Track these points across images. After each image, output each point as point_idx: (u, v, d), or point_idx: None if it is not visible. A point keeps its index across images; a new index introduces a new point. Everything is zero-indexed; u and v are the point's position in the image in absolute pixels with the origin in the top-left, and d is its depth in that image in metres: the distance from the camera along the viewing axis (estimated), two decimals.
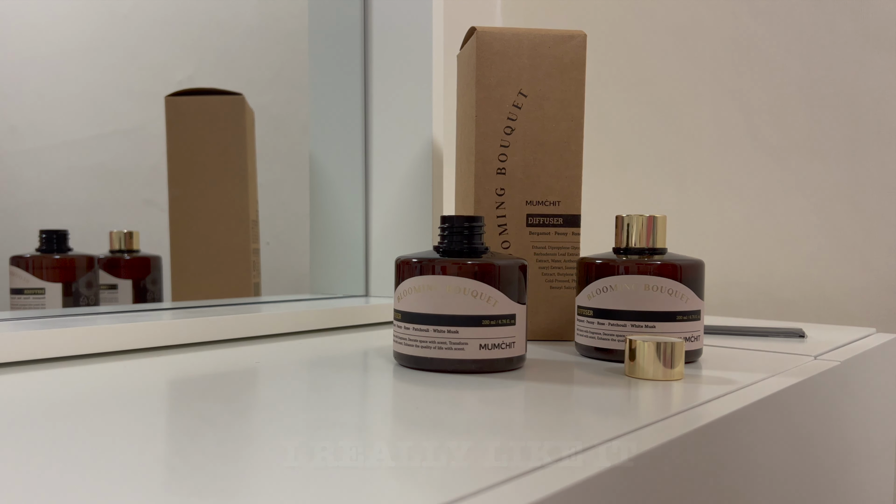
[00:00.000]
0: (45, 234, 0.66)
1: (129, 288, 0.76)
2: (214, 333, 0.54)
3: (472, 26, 0.58)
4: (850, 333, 0.65)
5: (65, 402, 0.37)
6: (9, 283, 0.65)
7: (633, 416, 0.34)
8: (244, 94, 0.81)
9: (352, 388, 0.40)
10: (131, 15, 0.89)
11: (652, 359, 0.42)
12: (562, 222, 0.57)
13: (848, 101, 0.81)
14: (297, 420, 0.34)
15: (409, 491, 0.24)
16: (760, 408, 0.38)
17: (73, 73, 0.72)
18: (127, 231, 0.78)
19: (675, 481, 0.31)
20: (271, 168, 0.89)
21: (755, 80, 0.86)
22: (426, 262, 0.44)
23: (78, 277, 0.67)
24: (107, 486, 0.24)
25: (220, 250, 0.80)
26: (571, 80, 0.57)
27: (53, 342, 0.46)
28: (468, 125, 0.58)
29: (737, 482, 0.37)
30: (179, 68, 0.90)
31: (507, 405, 0.37)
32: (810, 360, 0.50)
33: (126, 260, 0.77)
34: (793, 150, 0.84)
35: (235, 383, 0.42)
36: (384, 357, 0.49)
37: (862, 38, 0.79)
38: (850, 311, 0.80)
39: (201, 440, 0.29)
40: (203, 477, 0.25)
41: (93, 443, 0.29)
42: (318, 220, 0.78)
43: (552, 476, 0.25)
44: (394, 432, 0.32)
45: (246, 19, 0.95)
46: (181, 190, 0.79)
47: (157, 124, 0.80)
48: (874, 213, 0.79)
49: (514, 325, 0.44)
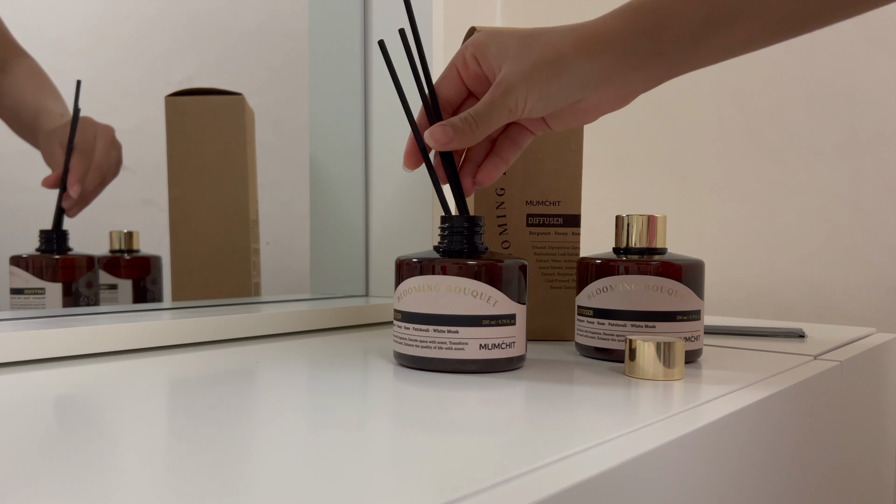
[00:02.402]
0: (45, 234, 0.66)
1: (129, 288, 0.76)
2: (214, 333, 0.54)
3: (472, 26, 0.58)
4: (850, 333, 0.65)
5: (65, 401, 0.37)
6: (9, 283, 0.65)
7: (633, 416, 0.34)
8: (244, 94, 0.81)
9: (352, 388, 0.40)
10: (131, 15, 0.89)
11: (652, 359, 0.42)
12: (562, 222, 0.57)
13: (848, 101, 0.81)
14: (297, 420, 0.34)
15: (409, 491, 0.24)
16: (760, 408, 0.38)
17: (73, 72, 0.72)
18: (127, 231, 0.78)
19: (675, 481, 0.31)
20: (271, 168, 0.89)
21: (755, 80, 0.86)
22: (426, 262, 0.44)
23: (78, 277, 0.67)
24: (107, 485, 0.24)
25: (220, 250, 0.80)
26: None
27: (53, 342, 0.46)
28: None
29: (737, 482, 0.37)
30: (179, 68, 0.90)
31: (508, 405, 0.37)
32: (810, 360, 0.50)
33: (126, 260, 0.77)
34: (793, 150, 0.84)
35: (235, 383, 0.42)
36: (384, 357, 0.49)
37: (862, 38, 0.79)
38: (850, 311, 0.80)
39: (201, 440, 0.29)
40: (203, 477, 0.25)
41: (93, 443, 0.29)
42: (318, 220, 0.78)
43: (552, 476, 0.25)
44: (394, 432, 0.32)
45: (246, 19, 0.95)
46: (181, 190, 0.79)
47: (157, 124, 0.80)
48: (874, 213, 0.79)
49: (514, 325, 0.44)
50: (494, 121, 0.44)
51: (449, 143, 0.44)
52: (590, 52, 0.42)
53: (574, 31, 0.43)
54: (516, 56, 0.43)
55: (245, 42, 0.94)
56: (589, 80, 0.42)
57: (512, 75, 0.43)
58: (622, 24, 0.42)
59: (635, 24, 0.41)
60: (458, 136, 0.43)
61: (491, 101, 0.43)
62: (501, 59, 0.44)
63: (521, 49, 0.43)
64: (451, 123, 0.44)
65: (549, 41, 0.43)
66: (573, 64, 0.42)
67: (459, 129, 0.43)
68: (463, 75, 0.46)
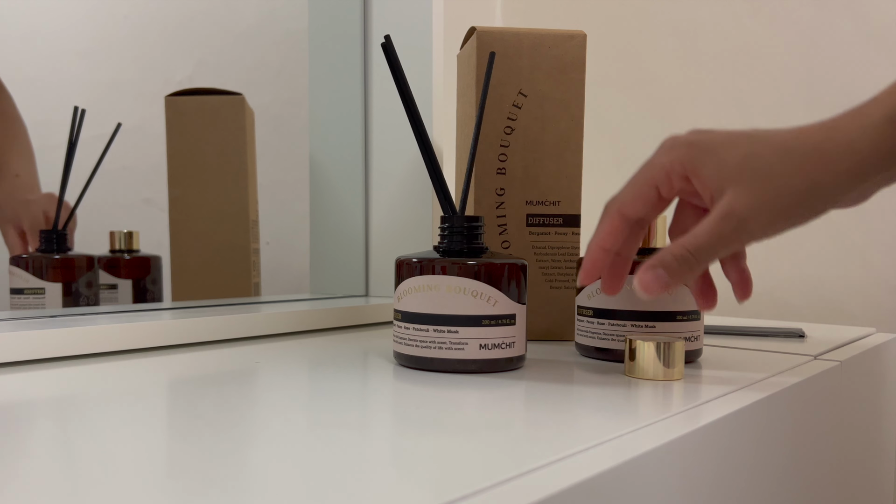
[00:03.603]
0: (45, 234, 0.66)
1: (129, 288, 0.76)
2: (214, 333, 0.54)
3: (472, 26, 0.58)
4: (850, 333, 0.65)
5: (65, 401, 0.37)
6: (9, 283, 0.65)
7: (633, 416, 0.34)
8: (244, 94, 0.81)
9: (352, 388, 0.40)
10: (131, 15, 0.89)
11: (652, 359, 0.42)
12: (562, 222, 0.57)
13: (848, 102, 0.80)
14: (298, 420, 0.34)
15: (409, 491, 0.24)
16: (760, 408, 0.38)
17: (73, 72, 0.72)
18: (127, 231, 0.78)
19: (675, 481, 0.31)
20: (271, 168, 0.89)
21: (755, 80, 0.86)
22: (426, 262, 0.44)
23: (78, 277, 0.67)
24: (107, 485, 0.24)
25: (220, 250, 0.80)
26: (571, 80, 0.57)
27: (53, 342, 0.46)
28: (468, 125, 0.58)
29: (737, 482, 0.37)
30: (179, 68, 0.90)
31: (508, 405, 0.37)
32: (810, 360, 0.50)
33: (126, 260, 0.77)
34: None
35: (235, 383, 0.42)
36: (384, 357, 0.49)
37: (862, 38, 0.79)
38: (850, 311, 0.80)
39: (201, 440, 0.29)
40: (203, 477, 0.25)
41: (93, 443, 0.29)
42: (318, 220, 0.78)
43: (552, 476, 0.25)
44: (394, 432, 0.32)
45: (246, 19, 0.95)
46: (181, 190, 0.79)
47: (156, 124, 0.80)
48: (874, 213, 0.79)
49: (514, 325, 0.44)
50: (720, 255, 0.37)
51: (664, 289, 0.38)
52: (852, 178, 0.35)
53: (820, 147, 0.35)
54: (747, 181, 0.36)
55: (245, 42, 0.94)
56: (843, 201, 0.36)
57: (745, 208, 0.36)
58: (885, 139, 0.35)
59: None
60: (675, 280, 0.38)
61: (719, 235, 0.36)
62: (723, 182, 0.37)
63: (751, 172, 0.36)
64: (664, 265, 0.37)
65: (792, 165, 0.35)
66: (830, 193, 0.35)
67: (676, 273, 0.37)
68: (663, 192, 0.40)
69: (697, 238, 0.37)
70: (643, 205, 0.40)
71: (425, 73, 0.70)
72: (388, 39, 0.45)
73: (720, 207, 0.37)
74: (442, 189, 0.47)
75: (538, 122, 0.57)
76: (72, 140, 0.67)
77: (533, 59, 0.56)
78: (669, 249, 0.38)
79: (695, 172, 0.38)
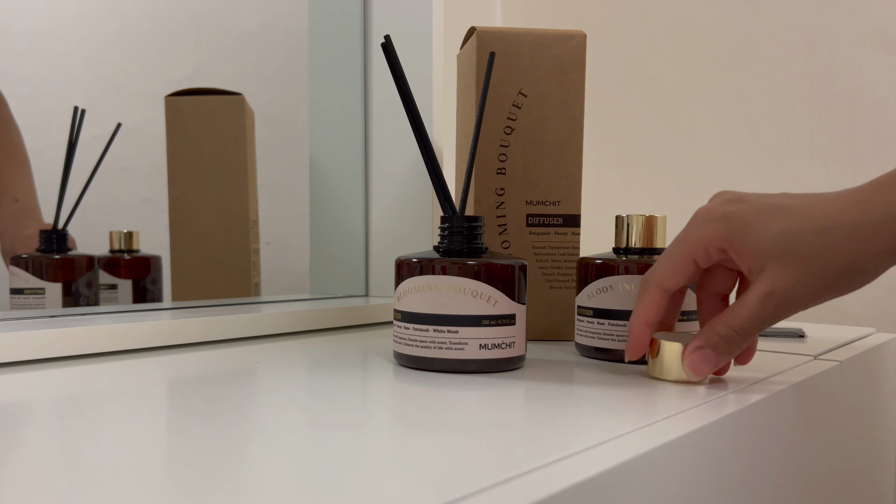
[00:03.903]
0: (44, 234, 0.66)
1: (129, 288, 0.76)
2: (214, 333, 0.54)
3: (472, 26, 0.58)
4: (849, 333, 0.65)
5: (65, 402, 0.37)
6: (9, 283, 0.65)
7: (633, 416, 0.34)
8: (244, 94, 0.81)
9: (352, 388, 0.40)
10: (131, 15, 0.89)
11: (676, 359, 0.41)
12: (562, 222, 0.57)
13: (848, 101, 0.81)
14: (298, 420, 0.34)
15: (409, 491, 0.24)
16: (760, 408, 0.38)
17: (73, 72, 0.72)
18: (127, 231, 0.78)
19: (675, 481, 0.31)
20: (271, 168, 0.89)
21: (755, 80, 0.86)
22: (426, 262, 0.44)
23: (78, 277, 0.67)
24: (107, 485, 0.24)
25: (220, 250, 0.80)
26: (571, 80, 0.57)
27: (53, 342, 0.46)
28: (468, 125, 0.58)
29: (737, 482, 0.37)
30: (179, 68, 0.90)
31: (508, 405, 0.37)
32: (810, 360, 0.50)
33: (126, 260, 0.77)
34: (793, 150, 0.84)
35: (235, 383, 0.42)
36: (384, 357, 0.49)
37: (862, 38, 0.79)
38: (850, 311, 0.80)
39: (201, 440, 0.29)
40: (203, 477, 0.25)
41: (93, 443, 0.29)
42: (318, 220, 0.78)
43: (552, 476, 0.25)
44: (394, 432, 0.32)
45: (246, 19, 0.95)
46: (181, 190, 0.79)
47: (157, 124, 0.80)
48: None
49: (514, 325, 0.44)
50: (762, 330, 0.39)
51: (713, 370, 0.40)
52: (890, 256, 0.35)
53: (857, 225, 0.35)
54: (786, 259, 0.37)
55: (245, 42, 0.94)
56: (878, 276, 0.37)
57: (786, 287, 0.37)
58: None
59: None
60: (722, 360, 0.39)
61: (762, 314, 0.38)
62: (762, 260, 0.38)
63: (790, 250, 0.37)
64: (712, 345, 0.39)
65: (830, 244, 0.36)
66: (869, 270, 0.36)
67: (723, 352, 0.39)
68: (700, 264, 0.41)
69: (740, 318, 0.39)
70: (682, 277, 0.42)
71: (425, 73, 0.70)
72: (388, 39, 0.45)
73: (761, 286, 0.38)
74: (442, 189, 0.47)
75: (538, 122, 0.57)
76: (72, 140, 0.67)
77: (533, 59, 0.56)
78: (714, 329, 0.39)
79: (733, 248, 0.39)
